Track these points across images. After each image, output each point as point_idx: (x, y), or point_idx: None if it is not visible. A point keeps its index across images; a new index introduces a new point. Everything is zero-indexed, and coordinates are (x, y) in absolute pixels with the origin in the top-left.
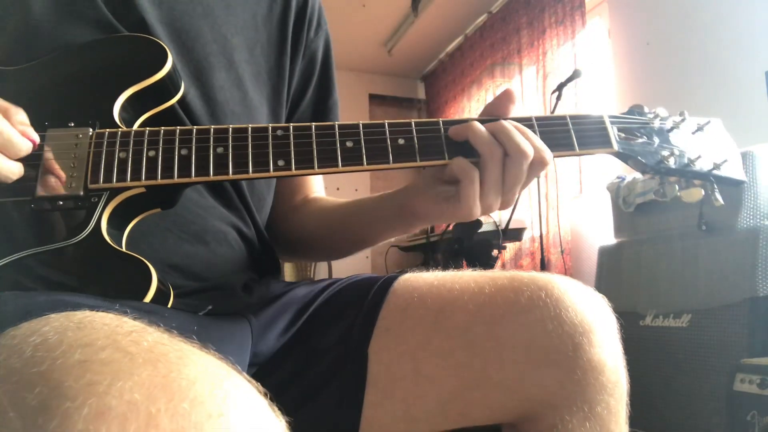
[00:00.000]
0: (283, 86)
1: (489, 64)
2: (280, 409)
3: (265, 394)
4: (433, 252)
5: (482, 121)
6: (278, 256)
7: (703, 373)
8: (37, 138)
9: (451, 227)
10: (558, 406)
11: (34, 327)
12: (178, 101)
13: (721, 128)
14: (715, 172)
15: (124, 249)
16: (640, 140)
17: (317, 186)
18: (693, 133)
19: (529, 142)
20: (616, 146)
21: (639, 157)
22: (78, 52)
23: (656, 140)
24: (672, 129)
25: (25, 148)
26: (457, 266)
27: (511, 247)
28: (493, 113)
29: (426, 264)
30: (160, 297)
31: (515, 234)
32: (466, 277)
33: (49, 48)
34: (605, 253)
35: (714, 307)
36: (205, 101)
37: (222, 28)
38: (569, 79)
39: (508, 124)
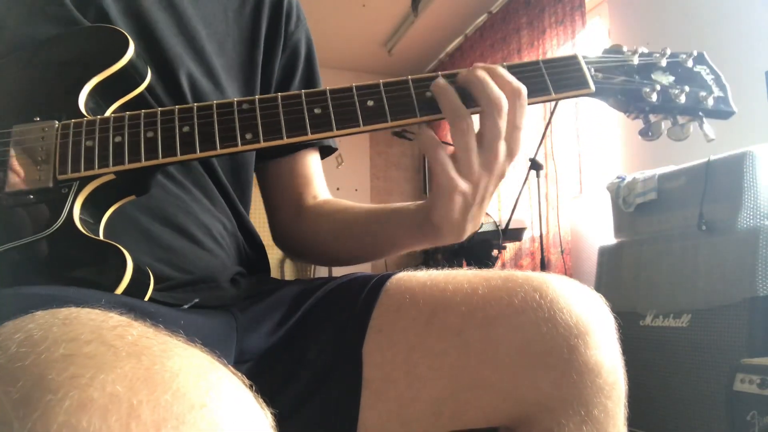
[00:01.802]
0: (255, 81)
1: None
2: (267, 402)
3: (251, 387)
4: (433, 252)
5: (451, 75)
6: (291, 259)
7: (703, 373)
8: None
9: None
10: (554, 409)
11: (18, 325)
12: (149, 92)
13: (707, 60)
14: (702, 105)
15: (100, 237)
16: (619, 79)
17: (322, 186)
18: (676, 67)
19: (501, 89)
20: (592, 86)
21: (619, 96)
22: (40, 48)
23: (636, 78)
24: (653, 65)
25: None
26: (458, 266)
27: (511, 247)
28: None
29: (426, 264)
30: (137, 283)
31: (515, 234)
32: (459, 277)
33: (12, 45)
34: (605, 253)
35: (714, 307)
36: (174, 91)
37: (191, 20)
38: None
39: (480, 72)
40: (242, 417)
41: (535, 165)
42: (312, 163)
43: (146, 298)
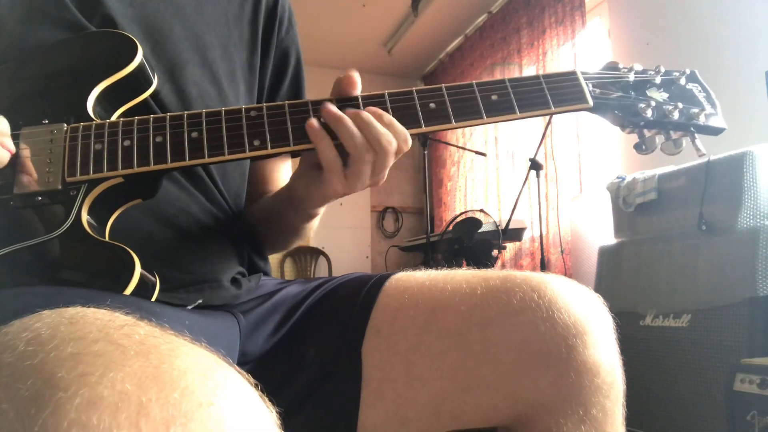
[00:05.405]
0: (254, 84)
1: (489, 64)
2: (271, 401)
3: (256, 386)
4: (433, 252)
5: (344, 101)
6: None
7: (703, 373)
8: (12, 147)
9: (451, 227)
10: (552, 409)
11: (26, 323)
12: (154, 98)
13: (699, 78)
14: (694, 121)
15: (107, 239)
16: (615, 95)
17: (278, 181)
18: (670, 84)
19: (391, 134)
20: (590, 101)
21: (615, 111)
22: (49, 51)
23: (632, 94)
24: (648, 82)
25: (3, 158)
26: (458, 266)
27: (511, 247)
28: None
29: (426, 264)
30: (145, 285)
31: (515, 234)
32: (458, 277)
33: (16, 48)
34: (605, 253)
35: (714, 307)
36: (180, 97)
37: (194, 26)
38: None
39: (368, 117)
40: (248, 415)
41: (535, 165)
42: (278, 162)
43: (153, 299)
